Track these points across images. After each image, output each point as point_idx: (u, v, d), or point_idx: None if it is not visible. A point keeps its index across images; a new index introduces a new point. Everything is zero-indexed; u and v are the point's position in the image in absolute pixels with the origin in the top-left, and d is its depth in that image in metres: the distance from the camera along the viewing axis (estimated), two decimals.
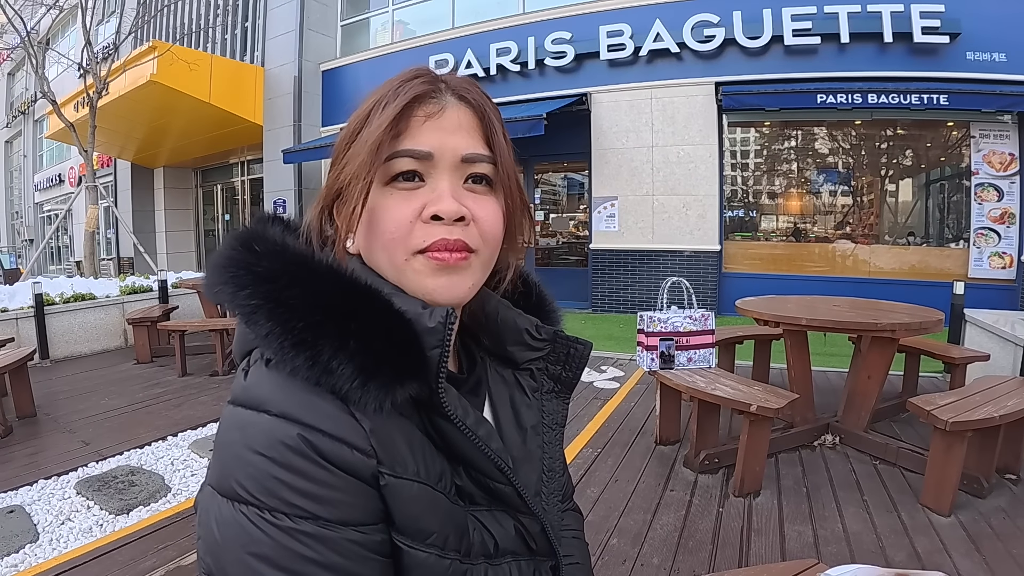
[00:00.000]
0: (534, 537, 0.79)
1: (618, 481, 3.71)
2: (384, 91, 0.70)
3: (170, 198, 18.29)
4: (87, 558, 2.89)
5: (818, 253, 10.07)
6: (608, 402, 5.32)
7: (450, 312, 0.66)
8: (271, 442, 0.59)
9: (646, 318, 3.98)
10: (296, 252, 0.67)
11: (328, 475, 0.59)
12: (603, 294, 10.55)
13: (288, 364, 0.61)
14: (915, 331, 3.84)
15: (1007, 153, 8.68)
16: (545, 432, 0.86)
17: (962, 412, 3.16)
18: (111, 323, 7.93)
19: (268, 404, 0.61)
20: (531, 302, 0.91)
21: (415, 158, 0.68)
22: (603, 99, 10.26)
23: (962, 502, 3.30)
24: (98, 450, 4.25)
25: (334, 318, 0.62)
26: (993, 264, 8.72)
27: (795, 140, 10.66)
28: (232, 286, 0.65)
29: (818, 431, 4.24)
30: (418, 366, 0.64)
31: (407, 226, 0.68)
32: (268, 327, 0.62)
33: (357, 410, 0.61)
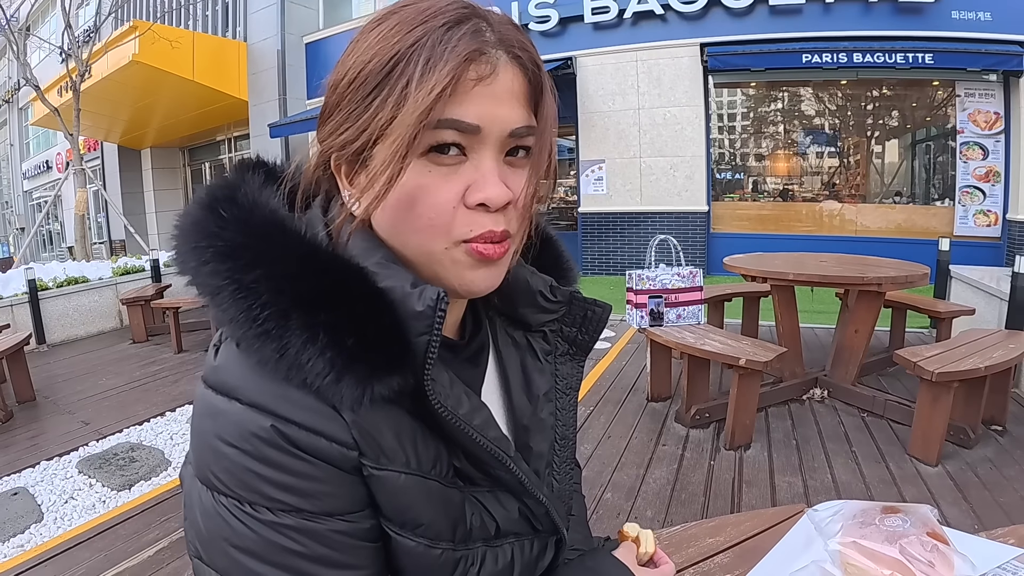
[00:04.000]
0: (539, 519, 0.76)
1: (611, 438, 3.75)
2: (423, 34, 0.55)
3: (158, 178, 18.13)
4: (91, 534, 2.93)
5: (805, 213, 10.12)
6: (600, 362, 5.36)
7: (441, 296, 0.57)
8: (243, 434, 0.55)
9: (635, 276, 3.99)
10: (265, 220, 0.58)
11: (307, 466, 0.55)
12: (593, 257, 10.60)
13: (254, 354, 0.56)
14: (901, 284, 3.86)
15: (992, 112, 8.70)
16: (559, 397, 0.81)
17: (948, 363, 3.19)
18: (105, 305, 7.93)
19: (239, 391, 0.56)
20: (547, 259, 0.84)
21: (461, 131, 0.57)
22: (588, 63, 10.19)
23: (949, 452, 3.36)
24: (98, 429, 4.28)
25: (301, 307, 0.55)
26: (978, 222, 8.79)
27: (781, 101, 10.66)
28: (193, 259, 0.57)
29: (807, 385, 4.29)
30: (401, 356, 0.57)
31: (449, 212, 0.58)
32: (231, 313, 0.55)
33: (334, 402, 0.56)
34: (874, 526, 0.85)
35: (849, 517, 0.89)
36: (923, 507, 0.91)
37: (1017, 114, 8.47)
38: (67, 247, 18.78)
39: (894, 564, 0.79)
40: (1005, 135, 8.64)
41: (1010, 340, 3.67)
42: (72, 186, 11.89)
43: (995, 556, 0.82)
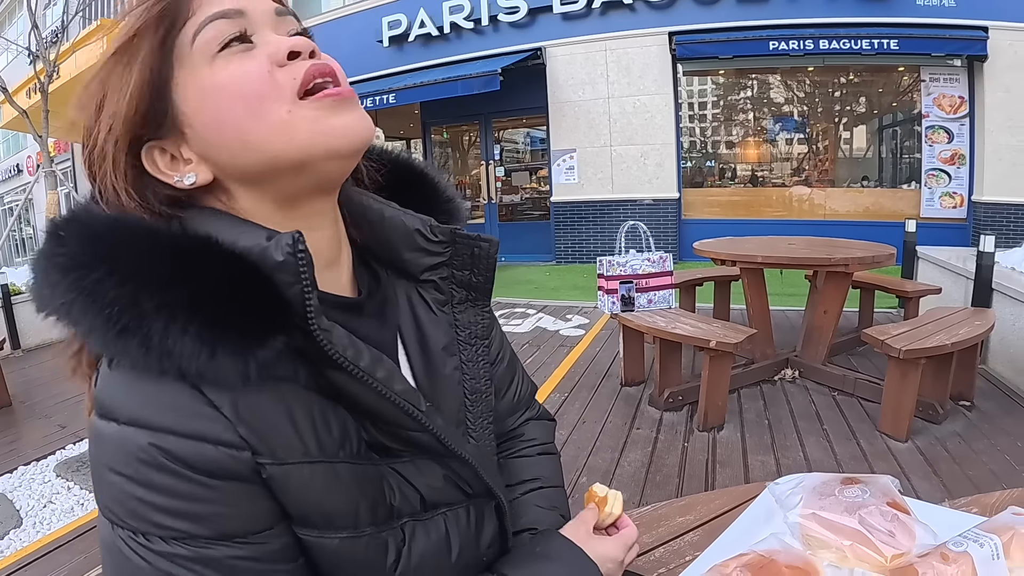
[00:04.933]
0: (467, 481, 0.71)
1: (586, 423, 3.76)
2: None
3: None
4: (71, 536, 2.91)
5: (775, 198, 10.24)
6: (574, 348, 5.37)
7: (297, 237, 0.54)
8: (124, 457, 0.51)
9: (605, 262, 3.99)
10: (103, 221, 0.55)
11: (195, 487, 0.51)
12: (566, 245, 10.64)
13: (125, 358, 0.52)
14: (868, 264, 3.91)
15: (956, 96, 8.84)
16: (462, 349, 0.76)
17: (915, 341, 3.23)
18: None
19: (116, 411, 0.52)
20: (422, 195, 0.79)
21: (227, 17, 0.57)
22: (558, 52, 10.18)
23: (919, 428, 3.41)
24: (75, 432, 4.23)
25: (151, 288, 0.51)
26: (944, 204, 8.94)
27: (750, 88, 10.75)
28: (46, 287, 0.53)
29: (778, 366, 4.32)
30: (278, 313, 0.54)
31: (266, 76, 0.56)
32: (87, 323, 0.51)
33: (215, 391, 0.52)
34: (833, 497, 0.84)
35: (809, 489, 0.88)
36: (884, 477, 0.90)
37: (981, 98, 8.61)
38: None
39: (854, 534, 0.78)
40: (970, 118, 8.79)
41: (975, 317, 3.72)
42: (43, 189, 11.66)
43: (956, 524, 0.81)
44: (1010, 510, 0.81)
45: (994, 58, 8.35)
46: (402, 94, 10.13)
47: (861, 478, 0.89)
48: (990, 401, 3.79)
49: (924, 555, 0.73)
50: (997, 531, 0.75)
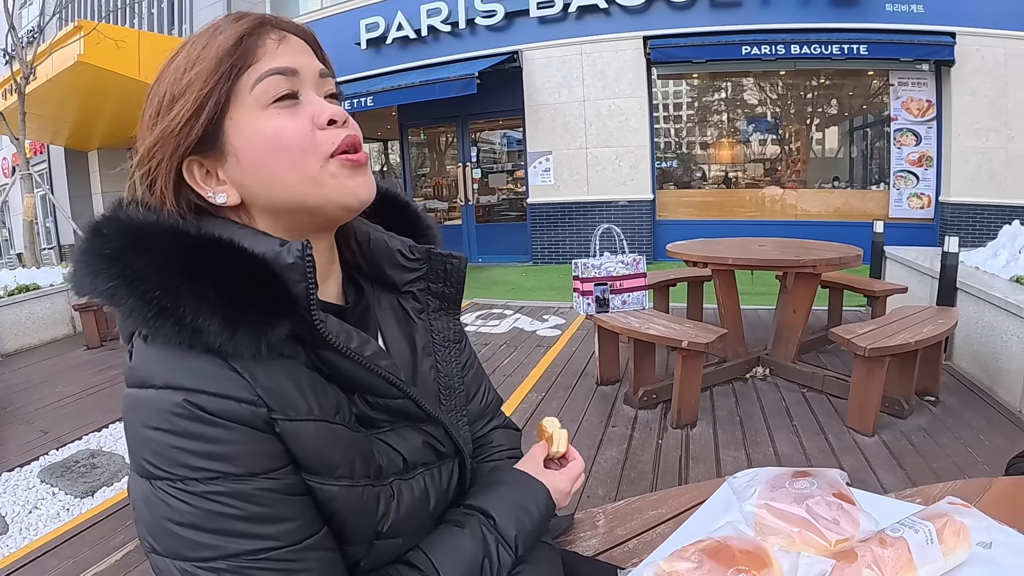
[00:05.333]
0: (440, 440, 0.84)
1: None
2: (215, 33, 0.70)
3: (106, 181, 17.54)
4: (58, 542, 2.90)
5: (748, 199, 10.40)
6: (551, 349, 5.44)
7: (306, 244, 0.67)
8: (161, 414, 0.60)
9: (580, 265, 4.06)
10: (139, 223, 0.67)
11: (223, 432, 0.61)
12: (542, 247, 10.72)
13: (159, 334, 0.62)
14: (835, 266, 4.02)
15: (924, 100, 9.06)
16: (437, 351, 0.90)
17: (880, 339, 3.33)
18: (58, 311, 7.67)
19: (152, 378, 0.63)
20: (403, 222, 0.93)
21: (284, 75, 0.70)
22: (534, 56, 10.25)
23: (885, 423, 3.51)
24: (57, 437, 4.20)
25: (187, 277, 0.62)
26: (912, 204, 9.16)
27: (723, 91, 10.91)
28: (89, 275, 0.64)
29: (749, 364, 4.42)
30: (286, 304, 0.66)
31: (309, 135, 0.70)
32: (130, 304, 0.62)
33: (236, 362, 0.63)
34: (784, 489, 0.91)
35: (763, 482, 0.94)
36: (832, 471, 0.96)
37: (948, 102, 8.83)
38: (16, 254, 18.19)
39: (801, 522, 0.85)
40: (937, 122, 9.00)
41: (939, 316, 3.84)
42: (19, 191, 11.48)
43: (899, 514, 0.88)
44: (946, 500, 0.88)
45: (961, 63, 8.58)
46: (380, 97, 10.14)
47: (811, 471, 0.95)
48: (954, 396, 3.91)
49: (864, 540, 0.80)
50: (933, 519, 0.81)
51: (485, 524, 0.82)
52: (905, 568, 0.75)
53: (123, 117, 14.34)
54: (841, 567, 0.76)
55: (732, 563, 0.75)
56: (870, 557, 0.76)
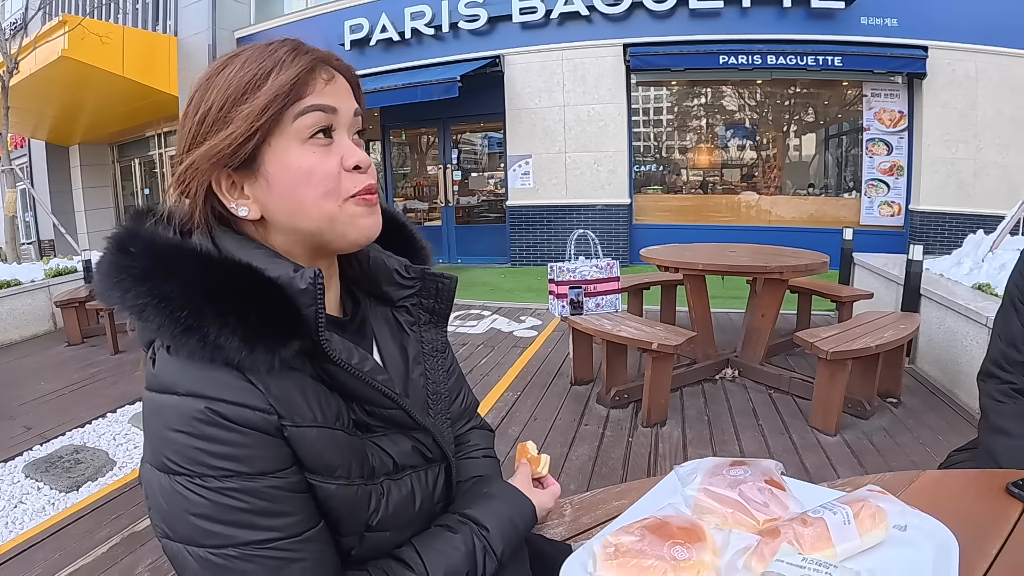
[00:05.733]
0: (428, 447, 0.92)
1: (537, 420, 3.92)
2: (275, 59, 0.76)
3: (87, 176, 17.44)
4: (44, 535, 2.93)
5: (724, 204, 10.57)
6: (527, 349, 5.54)
7: (317, 273, 0.74)
8: (185, 419, 0.68)
9: (556, 268, 4.16)
10: (165, 245, 0.74)
11: (239, 436, 0.69)
12: (521, 248, 10.81)
13: (184, 349, 0.69)
14: (802, 272, 4.14)
15: (897, 111, 9.28)
16: (426, 360, 0.98)
17: (842, 343, 3.46)
18: (39, 307, 7.60)
19: (176, 386, 0.70)
20: (402, 242, 1.01)
21: (325, 111, 0.77)
22: (516, 61, 10.34)
23: (848, 423, 3.64)
24: (41, 433, 4.20)
25: (211, 300, 0.69)
26: (883, 212, 9.37)
27: (701, 98, 11.07)
28: (118, 290, 0.71)
29: (719, 366, 4.54)
30: (297, 325, 0.73)
31: (336, 176, 0.78)
32: (158, 321, 0.69)
33: (252, 375, 0.70)
34: (721, 476, 1.00)
35: (704, 470, 1.03)
36: (767, 461, 1.06)
37: (919, 113, 9.06)
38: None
39: (734, 504, 0.94)
40: (908, 132, 9.23)
41: (901, 321, 3.98)
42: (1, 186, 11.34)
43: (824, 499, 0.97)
44: (867, 487, 0.98)
45: (932, 76, 8.82)
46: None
47: (747, 461, 1.05)
48: (916, 398, 4.05)
49: (788, 520, 0.90)
50: (852, 503, 0.91)
51: (477, 534, 0.90)
52: (823, 544, 0.84)
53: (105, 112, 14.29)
54: (765, 542, 0.85)
55: (670, 537, 0.84)
56: (791, 534, 0.85)
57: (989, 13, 8.70)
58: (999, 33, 8.72)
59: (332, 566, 0.77)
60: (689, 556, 0.81)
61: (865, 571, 0.79)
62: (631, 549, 0.83)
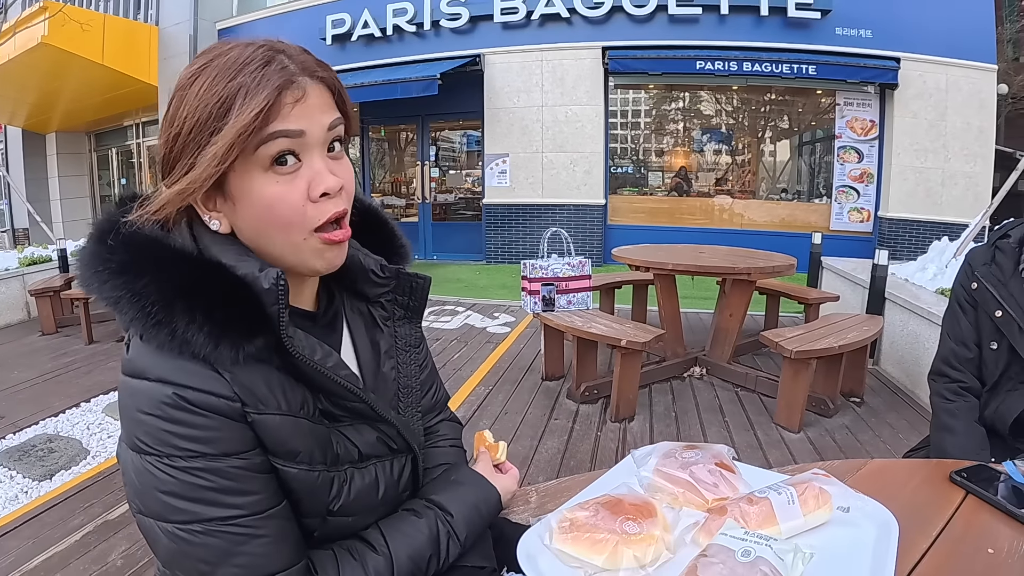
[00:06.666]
0: (392, 439, 0.94)
1: (508, 413, 3.97)
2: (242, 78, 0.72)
3: (63, 164, 17.17)
4: (18, 523, 2.92)
5: (698, 207, 10.68)
6: (500, 345, 5.59)
7: (280, 274, 0.75)
8: (154, 403, 0.72)
9: (528, 265, 4.21)
10: (143, 240, 0.76)
11: (204, 420, 0.72)
12: (496, 246, 10.86)
13: (154, 341, 0.73)
14: (768, 274, 4.24)
15: (868, 120, 9.47)
16: (399, 354, 1.01)
17: (806, 343, 3.54)
18: (12, 296, 7.51)
19: (147, 372, 0.73)
20: (380, 239, 1.02)
21: (289, 136, 0.74)
22: (496, 60, 10.38)
23: (811, 421, 3.73)
24: (14, 422, 4.16)
25: (181, 297, 0.72)
26: (852, 218, 9.55)
27: (678, 102, 11.19)
28: (96, 281, 0.74)
29: (687, 364, 4.62)
30: (262, 322, 0.75)
31: (301, 209, 0.76)
32: (131, 314, 0.72)
33: (218, 366, 0.74)
34: (674, 458, 1.05)
35: (659, 453, 1.08)
36: (719, 446, 1.11)
37: (890, 122, 9.26)
38: None
39: (685, 484, 1.00)
40: (879, 141, 9.42)
41: (865, 323, 4.08)
42: None
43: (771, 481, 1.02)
44: (812, 470, 1.03)
45: (904, 87, 9.03)
46: None
47: (699, 445, 1.10)
48: (878, 398, 4.16)
49: (735, 499, 0.95)
50: (796, 485, 0.96)
51: (442, 519, 0.94)
52: (768, 522, 0.89)
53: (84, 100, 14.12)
54: (713, 519, 0.90)
55: (623, 513, 0.88)
56: (738, 512, 0.90)
57: (960, 28, 8.93)
58: (969, 48, 8.97)
59: (293, 543, 0.80)
60: (640, 530, 0.85)
61: (808, 548, 0.83)
62: (585, 523, 0.88)
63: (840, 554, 0.88)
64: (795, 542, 0.81)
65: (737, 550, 0.77)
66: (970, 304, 1.69)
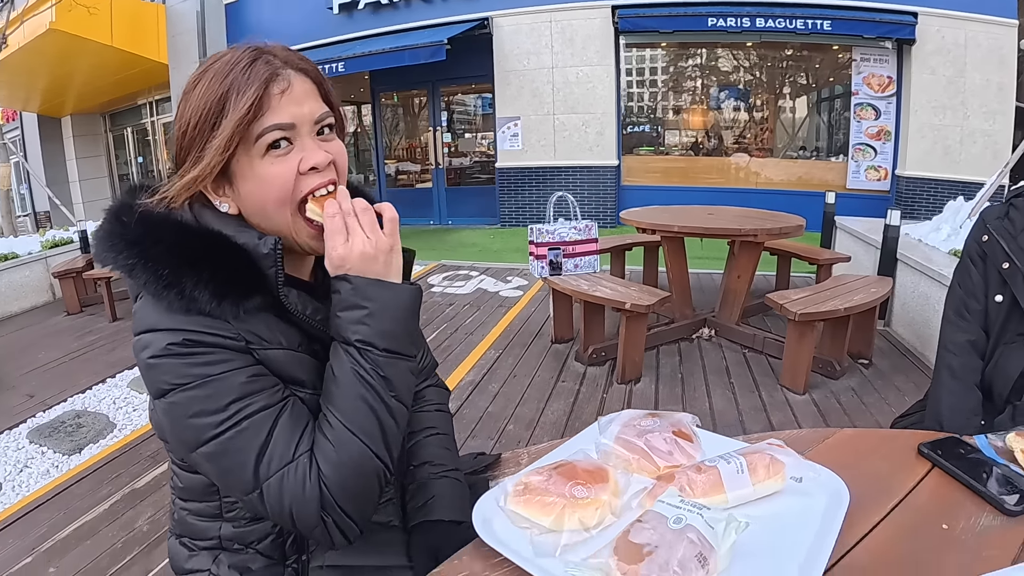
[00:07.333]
0: None
1: (516, 376, 4.03)
2: (233, 77, 0.86)
3: (80, 146, 17.42)
4: (50, 495, 3.06)
5: (713, 166, 10.57)
6: (512, 309, 5.66)
7: (277, 240, 0.89)
8: (167, 347, 0.83)
9: (535, 230, 4.23)
10: (154, 216, 0.89)
11: (214, 353, 0.84)
12: (510, 209, 10.86)
13: (164, 301, 0.84)
14: (775, 235, 4.22)
15: (885, 76, 9.23)
16: None
17: (810, 305, 3.54)
18: (37, 279, 7.70)
19: (157, 325, 0.84)
20: None
21: (282, 129, 0.87)
22: (504, 23, 10.26)
23: (818, 383, 3.74)
24: (43, 400, 4.33)
25: (189, 263, 0.84)
26: (869, 176, 9.38)
27: (691, 60, 10.97)
28: (112, 252, 0.87)
29: (696, 325, 4.64)
30: (259, 283, 0.88)
31: (291, 181, 0.89)
32: (144, 278, 0.84)
33: (222, 319, 0.85)
34: (633, 426, 1.08)
35: (621, 422, 1.11)
36: (682, 414, 1.14)
37: (908, 79, 9.01)
38: None
39: (639, 451, 1.03)
40: (897, 98, 9.19)
41: (873, 284, 4.06)
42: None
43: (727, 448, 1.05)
44: (767, 441, 1.05)
45: (922, 42, 8.76)
46: (351, 63, 10.10)
47: (660, 414, 1.13)
48: (887, 360, 4.15)
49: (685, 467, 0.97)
50: (748, 454, 0.98)
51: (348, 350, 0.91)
52: (715, 491, 0.92)
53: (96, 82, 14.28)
54: (660, 485, 0.93)
55: (574, 478, 0.92)
56: (685, 480, 0.93)
57: None
58: (989, 2, 8.67)
59: (309, 415, 0.92)
60: (588, 495, 0.89)
61: (755, 518, 0.85)
62: (537, 487, 0.92)
63: (786, 524, 0.90)
64: (730, 512, 0.83)
65: (670, 517, 0.80)
66: (980, 257, 1.72)
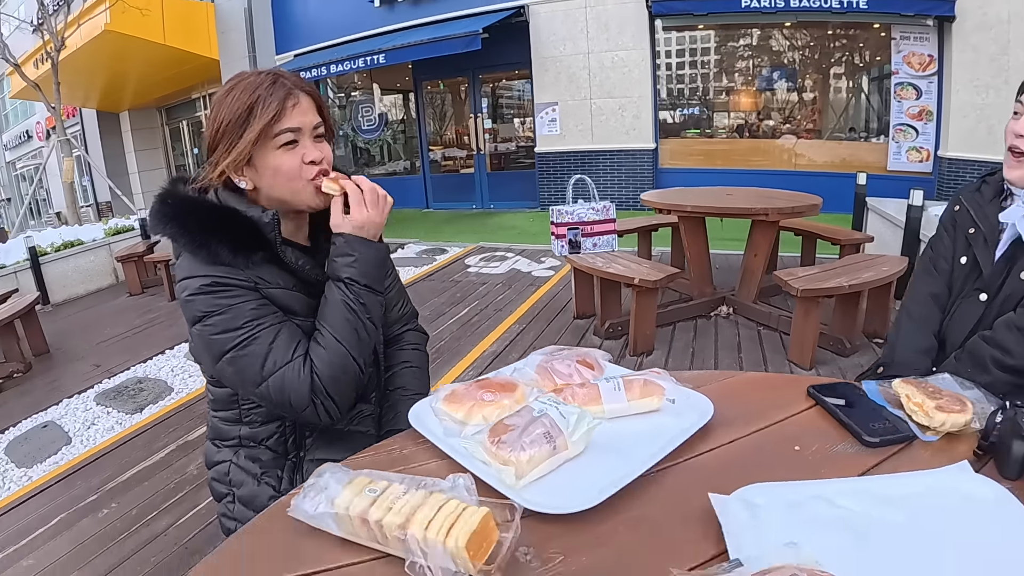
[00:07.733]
0: None
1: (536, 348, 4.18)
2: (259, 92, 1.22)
3: (138, 139, 18.46)
4: (113, 447, 3.58)
5: (756, 147, 10.46)
6: (541, 287, 5.93)
7: (274, 214, 1.26)
8: (200, 286, 1.21)
9: (555, 211, 4.46)
10: (188, 199, 1.27)
11: (231, 291, 1.22)
12: (549, 193, 11.05)
13: (197, 257, 1.22)
14: (788, 215, 4.31)
15: (926, 54, 8.90)
16: None
17: (814, 282, 3.62)
18: (101, 263, 8.44)
19: (193, 272, 1.22)
20: None
21: (292, 131, 1.24)
22: (540, 11, 10.44)
23: (826, 359, 3.84)
24: (108, 369, 4.90)
25: (212, 230, 1.22)
26: (911, 158, 9.15)
27: (730, 43, 10.83)
28: (161, 224, 1.26)
29: (715, 304, 4.79)
30: (263, 243, 1.26)
31: (299, 168, 1.26)
32: (183, 241, 1.23)
33: (237, 268, 1.23)
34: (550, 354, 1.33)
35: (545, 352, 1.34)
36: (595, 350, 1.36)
37: (949, 57, 8.68)
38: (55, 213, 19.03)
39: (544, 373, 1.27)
40: (938, 76, 8.87)
41: (884, 263, 4.04)
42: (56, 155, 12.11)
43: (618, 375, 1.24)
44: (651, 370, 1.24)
45: (962, 19, 8.42)
46: (391, 54, 10.48)
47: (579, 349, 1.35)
48: None
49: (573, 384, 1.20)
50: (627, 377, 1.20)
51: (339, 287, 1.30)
52: (593, 402, 1.14)
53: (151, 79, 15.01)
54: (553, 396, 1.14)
55: (488, 388, 1.17)
56: (569, 392, 1.16)
57: None
58: None
59: (301, 333, 1.28)
60: (493, 399, 1.14)
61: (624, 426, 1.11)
62: (458, 392, 1.18)
63: (644, 430, 1.10)
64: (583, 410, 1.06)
65: (536, 409, 1.03)
66: (952, 225, 1.85)
